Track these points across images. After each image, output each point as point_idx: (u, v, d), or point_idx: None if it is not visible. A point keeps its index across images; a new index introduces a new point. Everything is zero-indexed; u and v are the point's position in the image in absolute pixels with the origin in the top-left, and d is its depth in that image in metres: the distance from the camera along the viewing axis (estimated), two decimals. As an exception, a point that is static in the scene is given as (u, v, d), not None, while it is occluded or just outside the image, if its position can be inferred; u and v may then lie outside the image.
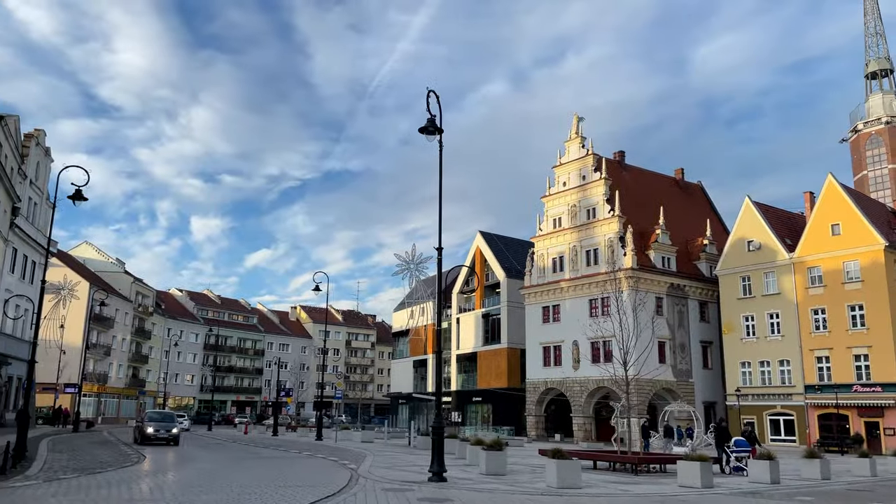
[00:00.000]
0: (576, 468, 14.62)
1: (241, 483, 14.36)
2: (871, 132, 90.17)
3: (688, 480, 15.67)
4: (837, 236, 44.55)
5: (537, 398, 56.17)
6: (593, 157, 54.89)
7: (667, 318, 51.25)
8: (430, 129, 16.36)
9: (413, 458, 23.17)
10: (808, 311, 45.23)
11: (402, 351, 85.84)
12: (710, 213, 63.16)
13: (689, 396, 50.74)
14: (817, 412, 43.94)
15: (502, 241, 72.79)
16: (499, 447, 17.38)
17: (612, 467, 20.60)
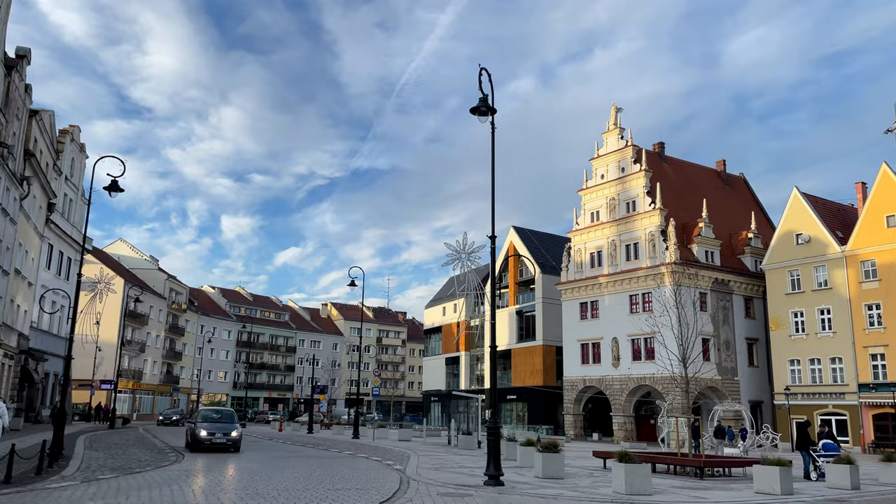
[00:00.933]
0: (645, 473, 13.49)
1: (286, 486, 13.50)
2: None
3: (765, 487, 14.45)
4: (893, 228, 42.48)
5: (575, 396, 54.86)
6: (633, 148, 53.34)
7: (711, 314, 49.56)
8: (483, 110, 15.32)
9: (459, 459, 22.19)
10: (861, 306, 43.24)
11: (434, 348, 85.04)
12: (754, 205, 61.14)
13: (735, 395, 49.05)
14: (872, 412, 41.97)
15: (536, 236, 71.52)
16: (555, 449, 16.32)
17: (672, 470, 19.39)
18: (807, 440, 19.23)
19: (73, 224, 48.20)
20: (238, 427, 23.72)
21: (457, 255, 53.87)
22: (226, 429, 23.02)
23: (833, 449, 18.84)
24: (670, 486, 15.37)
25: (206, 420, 23.94)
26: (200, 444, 22.46)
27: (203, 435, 22.56)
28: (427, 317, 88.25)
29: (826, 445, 19.12)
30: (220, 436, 22.66)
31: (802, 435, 19.54)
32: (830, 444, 19.32)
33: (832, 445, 19.14)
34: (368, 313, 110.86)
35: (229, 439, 22.78)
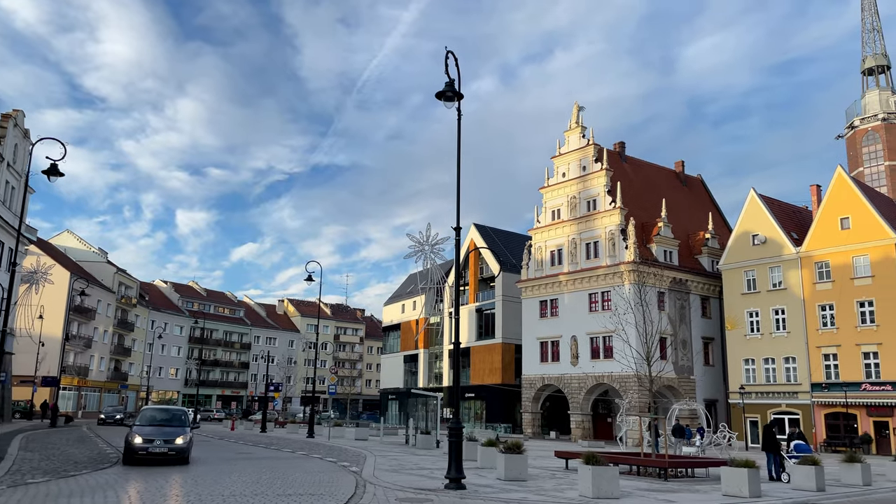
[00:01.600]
0: (613, 476, 12.99)
1: (233, 492, 12.60)
2: (868, 128, 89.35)
3: (733, 489, 14.11)
4: (847, 230, 43.29)
5: (533, 394, 54.66)
6: (594, 147, 53.36)
7: (668, 313, 49.81)
8: (449, 95, 14.62)
9: (418, 460, 21.48)
10: (815, 306, 43.97)
11: (392, 346, 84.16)
12: (711, 206, 61.88)
13: (690, 394, 49.43)
14: (824, 411, 42.70)
15: (497, 234, 71.21)
16: (518, 450, 15.74)
17: (635, 471, 19.02)
18: (773, 441, 19.05)
19: (15, 213, 45.87)
20: (187, 432, 18.37)
21: (420, 248, 52.96)
22: (169, 434, 17.79)
23: (805, 450, 18.71)
24: (636, 489, 14.93)
25: (146, 422, 18.77)
26: (134, 455, 17.22)
27: (137, 443, 17.26)
28: (386, 314, 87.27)
29: (798, 446, 18.98)
30: (161, 444, 17.36)
31: (768, 436, 19.36)
32: (802, 444, 19.19)
33: (804, 446, 19.01)
34: (326, 310, 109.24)
35: (173, 448, 17.42)
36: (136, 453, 17.22)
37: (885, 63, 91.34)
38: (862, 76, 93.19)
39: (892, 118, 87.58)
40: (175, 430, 18.16)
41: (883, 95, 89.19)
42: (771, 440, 19.07)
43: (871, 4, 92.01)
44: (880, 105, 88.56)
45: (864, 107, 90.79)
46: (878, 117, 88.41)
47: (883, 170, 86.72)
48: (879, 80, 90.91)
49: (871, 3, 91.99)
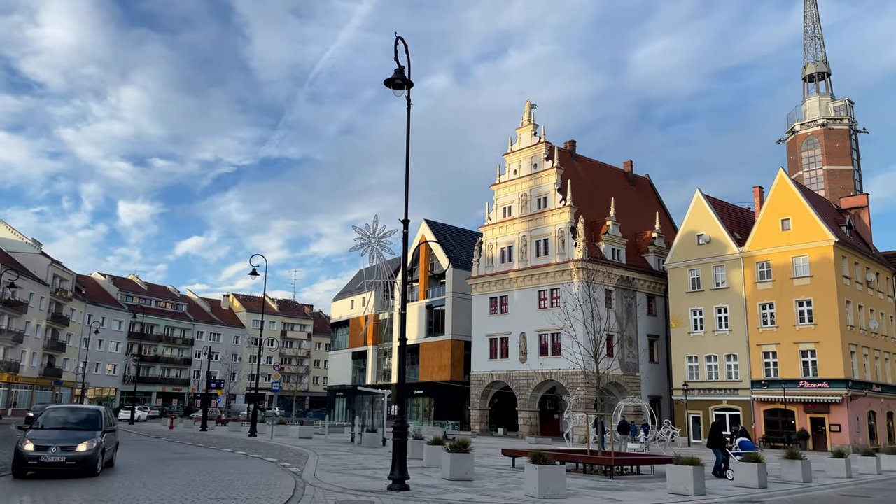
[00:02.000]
0: (560, 475, 12.73)
1: (161, 496, 11.84)
2: (808, 133, 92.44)
3: (678, 487, 14.03)
4: (787, 231, 44.43)
5: (482, 391, 54.58)
6: (545, 144, 53.49)
7: (616, 310, 50.34)
8: (399, 82, 14.10)
9: (362, 459, 20.92)
10: (756, 305, 45.01)
11: (340, 342, 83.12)
12: (658, 206, 62.85)
13: (636, 390, 50.08)
14: (763, 407, 43.76)
15: (448, 230, 70.94)
16: (465, 448, 15.36)
17: (582, 469, 18.89)
18: (720, 438, 19.16)
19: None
20: (96, 437, 15.05)
21: (366, 241, 51.89)
22: (70, 440, 14.59)
23: (750, 447, 18.85)
24: (582, 488, 14.73)
25: (46, 426, 15.52)
26: (23, 466, 14.18)
27: (28, 451, 14.16)
28: (334, 310, 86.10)
29: (743, 444, 19.11)
30: (57, 452, 14.19)
31: (715, 433, 19.45)
32: (747, 442, 19.32)
33: (749, 444, 19.15)
34: (272, 305, 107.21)
35: (73, 458, 14.24)
36: (26, 463, 14.10)
37: (826, 70, 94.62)
38: (803, 82, 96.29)
39: (830, 124, 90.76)
40: (79, 435, 14.89)
41: (823, 101, 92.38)
42: (717, 437, 19.18)
43: (813, 13, 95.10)
44: (820, 111, 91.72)
45: (805, 112, 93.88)
46: (817, 123, 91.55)
47: (821, 173, 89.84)
48: (820, 86, 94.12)
49: (813, 12, 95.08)
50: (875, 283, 47.24)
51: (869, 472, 22.39)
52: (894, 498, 15.36)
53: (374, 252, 48.55)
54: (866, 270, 46.33)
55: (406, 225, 14.22)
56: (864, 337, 44.07)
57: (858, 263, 45.51)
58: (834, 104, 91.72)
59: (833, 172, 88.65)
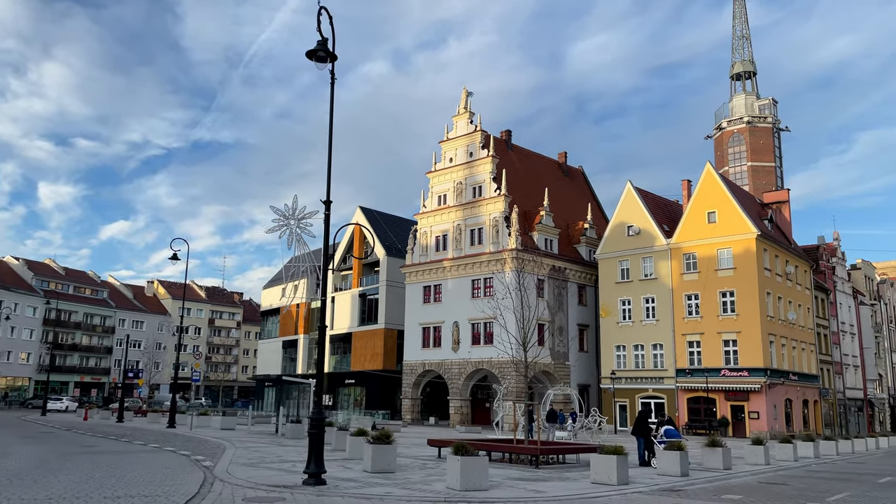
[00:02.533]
0: (482, 466, 12.33)
1: (50, 494, 10.82)
2: (734, 130, 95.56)
3: (602, 476, 13.86)
4: (713, 224, 45.57)
5: (414, 380, 54.17)
6: (481, 133, 53.26)
7: (547, 300, 50.71)
8: (321, 55, 13.31)
9: (283, 451, 20.10)
10: (682, 296, 46.08)
11: (270, 331, 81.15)
12: (590, 197, 63.65)
13: (565, 379, 50.63)
14: (687, 395, 44.91)
15: (383, 217, 69.95)
16: (387, 440, 14.79)
17: (508, 458, 18.63)
18: (644, 426, 19.20)
19: None
20: None
21: (284, 221, 50.04)
22: None
23: (674, 435, 18.93)
24: (507, 478, 14.40)
25: None
26: None
27: None
28: (265, 298, 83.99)
29: (668, 432, 19.17)
30: None
31: (641, 421, 19.48)
32: (672, 430, 19.41)
33: (674, 432, 19.23)
34: (200, 293, 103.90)
35: None
36: None
37: (752, 69, 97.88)
38: (731, 81, 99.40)
39: (755, 121, 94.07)
40: None
41: (749, 100, 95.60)
42: (642, 425, 19.22)
43: (742, 13, 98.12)
44: (746, 109, 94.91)
45: (732, 110, 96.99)
46: (743, 120, 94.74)
47: (746, 170, 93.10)
48: (746, 85, 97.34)
49: (742, 12, 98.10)
50: (794, 276, 49.09)
51: (786, 458, 23.02)
52: (811, 485, 15.66)
53: (293, 234, 46.18)
54: (786, 263, 48.05)
55: (328, 206, 13.48)
56: (783, 327, 45.74)
57: (779, 256, 47.15)
58: (759, 103, 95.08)
59: (757, 169, 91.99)
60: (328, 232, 13.35)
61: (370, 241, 63.10)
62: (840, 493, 14.14)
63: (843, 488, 15.04)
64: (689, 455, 17.49)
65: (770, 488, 14.64)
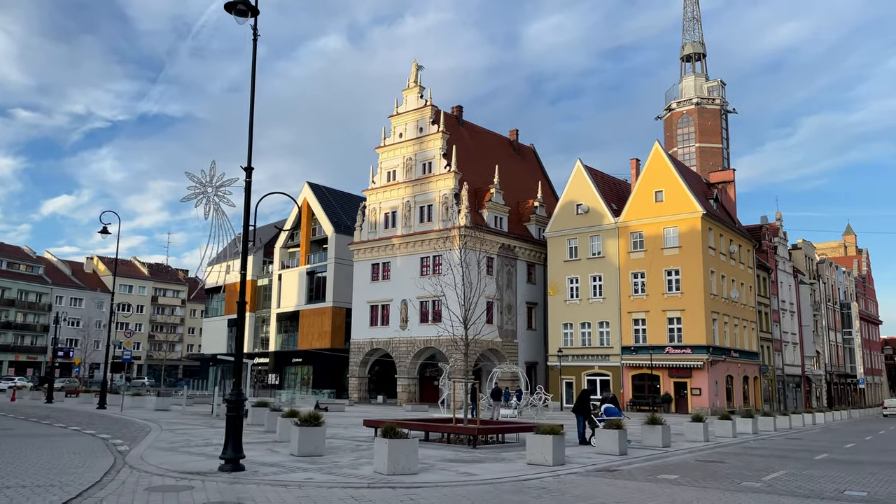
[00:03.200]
0: (411, 449, 11.71)
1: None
2: (683, 111, 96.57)
3: (537, 457, 13.43)
4: (660, 203, 45.77)
5: (361, 359, 53.46)
6: (431, 108, 52.29)
7: (496, 278, 50.46)
8: (241, 8, 12.26)
9: (211, 434, 19.18)
10: (628, 274, 46.31)
11: (216, 309, 79.14)
12: (541, 175, 63.41)
13: (513, 357, 50.62)
14: (632, 373, 45.33)
15: (332, 194, 68.53)
16: (315, 422, 14.05)
17: (446, 438, 18.11)
18: (585, 404, 18.84)
19: None
20: None
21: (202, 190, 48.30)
22: None
23: (615, 414, 18.65)
24: (440, 460, 13.84)
25: None
26: None
27: None
28: (210, 274, 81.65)
29: (608, 410, 18.86)
30: None
31: (582, 399, 19.10)
32: (613, 409, 18.97)
33: (614, 410, 18.91)
34: (142, 269, 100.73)
35: None
36: None
37: (702, 51, 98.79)
38: (681, 62, 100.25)
39: (704, 103, 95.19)
40: None
41: (698, 81, 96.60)
42: (583, 403, 18.89)
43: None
44: (695, 90, 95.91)
45: (682, 91, 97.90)
46: (692, 101, 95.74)
47: (694, 151, 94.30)
48: (696, 66, 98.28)
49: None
50: (737, 255, 49.84)
51: (725, 434, 23.15)
52: (748, 462, 15.56)
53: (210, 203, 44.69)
54: (730, 242, 48.72)
55: (249, 174, 12.52)
56: (725, 305, 46.45)
57: (723, 235, 47.75)
58: (708, 84, 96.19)
59: (704, 150, 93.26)
60: (249, 202, 12.42)
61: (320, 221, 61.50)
62: (776, 471, 14.03)
63: (780, 466, 14.97)
64: (630, 433, 17.27)
65: (707, 467, 14.45)
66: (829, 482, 12.34)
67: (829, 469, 14.58)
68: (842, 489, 11.49)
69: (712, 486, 11.52)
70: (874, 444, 23.57)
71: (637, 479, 12.05)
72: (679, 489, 11.11)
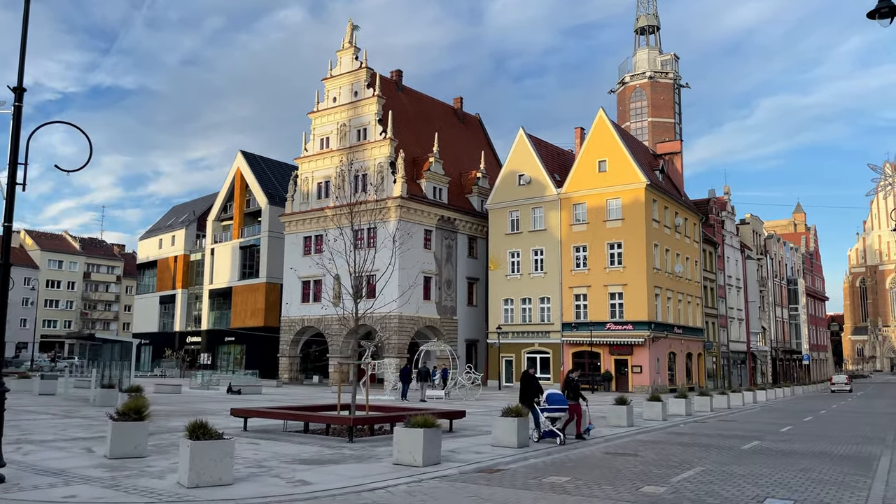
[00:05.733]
0: (224, 453, 9.09)
1: None
2: (636, 85, 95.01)
3: (405, 456, 10.96)
4: (603, 173, 43.71)
5: (292, 337, 50.64)
6: (367, 71, 49.15)
7: (434, 252, 47.98)
8: None
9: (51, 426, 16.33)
10: (570, 248, 44.28)
11: (147, 285, 75.20)
12: (486, 146, 60.88)
13: (452, 334, 48.42)
14: (572, 350, 43.46)
15: (267, 163, 64.99)
16: (136, 415, 11.33)
17: (327, 430, 15.57)
18: (531, 390, 14.85)
19: None
20: None
21: None
22: None
23: (560, 403, 14.68)
24: (289, 461, 11.29)
25: None
26: None
27: None
28: (141, 249, 77.63)
29: (552, 397, 14.69)
30: None
31: (526, 384, 15.09)
32: (557, 395, 14.86)
33: (559, 397, 14.77)
34: (73, 244, 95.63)
35: None
36: None
37: (656, 24, 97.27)
38: (635, 35, 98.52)
39: (657, 77, 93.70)
40: None
41: (651, 54, 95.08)
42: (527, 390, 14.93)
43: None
44: (649, 63, 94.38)
45: (635, 64, 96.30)
46: (645, 75, 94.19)
47: (647, 125, 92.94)
48: (650, 39, 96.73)
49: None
50: (683, 228, 48.21)
51: (654, 418, 21.16)
52: (665, 455, 13.37)
53: None
54: (675, 215, 47.03)
55: (19, 95, 9.59)
56: (669, 280, 44.81)
57: (668, 208, 45.99)
58: (661, 58, 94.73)
59: (657, 125, 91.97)
60: (18, 127, 9.51)
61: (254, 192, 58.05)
62: (693, 466, 11.86)
63: (699, 460, 12.83)
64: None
65: (613, 462, 12.19)
66: (749, 484, 10.16)
67: (754, 463, 12.48)
68: (762, 496, 9.28)
69: (603, 494, 9.20)
70: (813, 426, 21.86)
71: (515, 485, 9.67)
72: (557, 500, 8.74)
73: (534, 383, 15.05)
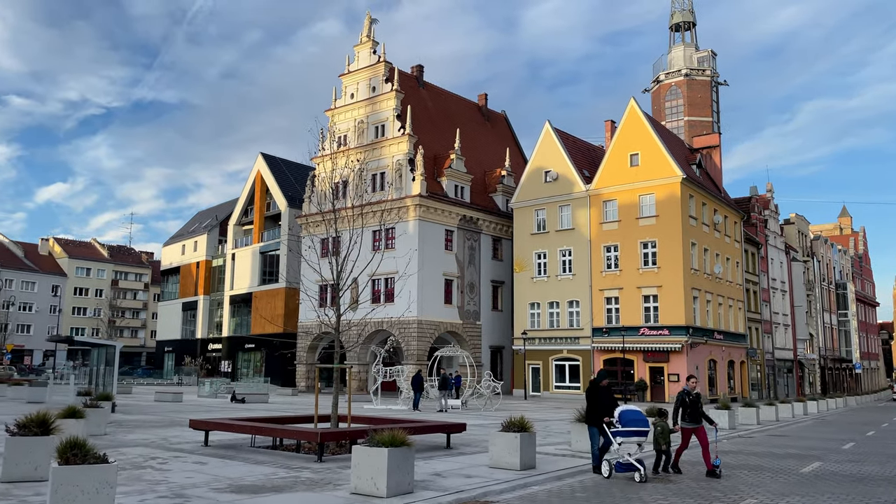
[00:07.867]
0: (101, 480, 6.75)
1: None
2: (672, 83, 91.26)
3: (366, 484, 8.51)
4: (636, 167, 40.77)
5: (310, 344, 48.62)
6: (385, 65, 47.09)
7: (456, 253, 45.52)
8: None
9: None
10: (600, 247, 41.37)
11: (171, 292, 74.22)
12: (512, 144, 58.28)
13: (476, 340, 45.84)
14: (603, 357, 40.42)
15: (288, 166, 63.15)
16: (42, 429, 9.13)
17: (297, 447, 13.21)
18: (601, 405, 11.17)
19: None
20: None
21: None
22: None
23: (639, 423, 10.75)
24: (213, 489, 8.91)
25: None
26: None
27: None
28: (165, 255, 76.72)
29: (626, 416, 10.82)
30: None
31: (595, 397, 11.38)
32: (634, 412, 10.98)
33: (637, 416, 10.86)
34: (102, 251, 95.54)
35: None
36: None
37: (692, 20, 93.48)
38: (669, 32, 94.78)
39: (693, 74, 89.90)
40: None
41: (687, 52, 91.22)
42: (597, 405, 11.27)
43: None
44: (684, 61, 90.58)
45: (670, 62, 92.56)
46: (681, 73, 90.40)
47: (683, 124, 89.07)
48: (685, 36, 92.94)
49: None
50: (722, 227, 44.91)
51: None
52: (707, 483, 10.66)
53: None
54: (714, 212, 43.80)
55: None
56: (708, 282, 41.57)
57: (706, 204, 42.80)
58: (698, 55, 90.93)
59: (693, 123, 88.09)
60: None
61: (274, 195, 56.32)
62: (743, 498, 9.21)
63: (749, 488, 10.13)
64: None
65: (639, 492, 9.55)
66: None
67: (820, 493, 9.73)
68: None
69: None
70: (879, 442, 18.79)
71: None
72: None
73: (606, 397, 11.33)
